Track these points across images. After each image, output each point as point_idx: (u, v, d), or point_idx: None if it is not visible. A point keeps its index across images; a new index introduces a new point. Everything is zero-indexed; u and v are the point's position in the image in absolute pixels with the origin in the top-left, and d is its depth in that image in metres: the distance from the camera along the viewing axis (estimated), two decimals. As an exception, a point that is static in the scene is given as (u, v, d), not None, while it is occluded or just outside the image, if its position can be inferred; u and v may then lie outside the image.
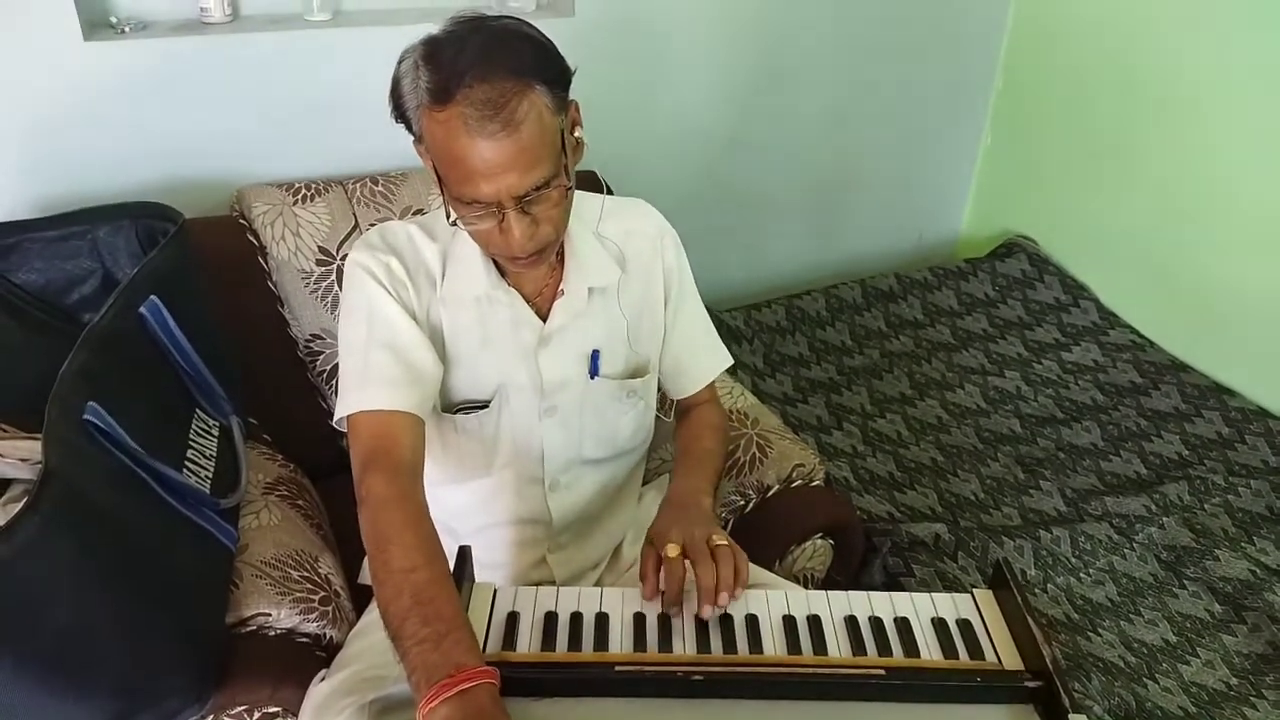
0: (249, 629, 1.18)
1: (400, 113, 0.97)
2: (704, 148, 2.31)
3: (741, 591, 1.00)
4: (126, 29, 1.64)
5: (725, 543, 1.02)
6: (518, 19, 0.97)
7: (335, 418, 1.06)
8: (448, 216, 0.99)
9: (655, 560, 1.03)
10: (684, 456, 1.24)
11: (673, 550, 1.01)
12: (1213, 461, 1.99)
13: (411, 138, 1.00)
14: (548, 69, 0.94)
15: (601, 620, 0.98)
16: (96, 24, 1.64)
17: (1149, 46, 2.25)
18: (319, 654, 1.21)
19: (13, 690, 0.91)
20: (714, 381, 1.32)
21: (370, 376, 1.03)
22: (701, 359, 1.29)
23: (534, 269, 1.08)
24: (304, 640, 1.21)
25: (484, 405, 1.14)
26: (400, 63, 0.96)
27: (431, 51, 0.93)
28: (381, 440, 1.01)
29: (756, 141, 2.37)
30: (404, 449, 1.01)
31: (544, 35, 0.97)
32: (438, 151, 0.95)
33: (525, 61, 0.92)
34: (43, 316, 1.38)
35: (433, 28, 0.96)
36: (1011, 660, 0.95)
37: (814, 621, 0.99)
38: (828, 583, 1.55)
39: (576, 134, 1.01)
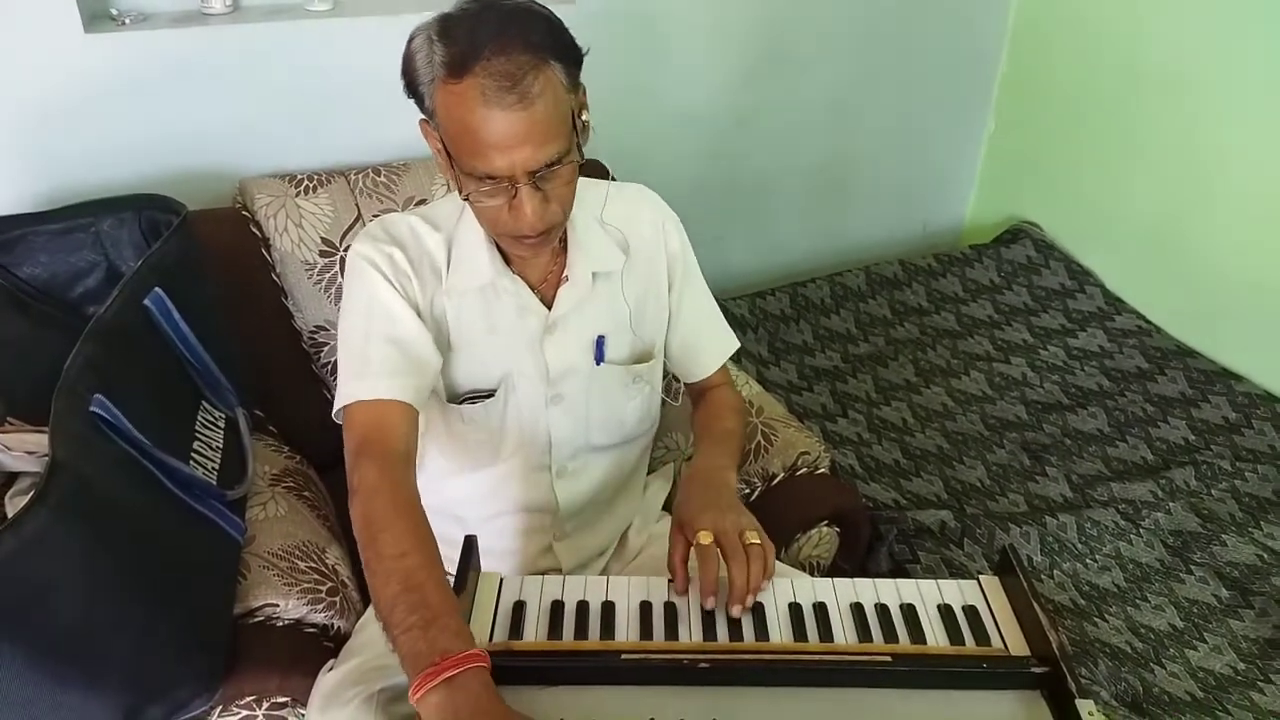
0: (257, 619, 1.19)
1: (412, 88, 0.97)
2: (707, 134, 2.30)
3: (767, 584, 1.01)
4: (127, 21, 1.63)
5: (758, 540, 1.01)
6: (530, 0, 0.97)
7: (334, 410, 1.06)
8: (460, 191, 0.99)
9: (685, 549, 1.02)
10: (705, 435, 1.24)
11: (705, 538, 1.00)
12: (1219, 446, 1.98)
13: (419, 119, 0.99)
14: (562, 47, 0.95)
15: (608, 609, 0.99)
16: (97, 16, 1.63)
17: (1154, 30, 2.23)
18: (326, 644, 1.22)
19: (23, 682, 0.91)
20: (726, 365, 1.32)
21: (367, 368, 1.03)
22: (711, 342, 1.29)
23: (540, 251, 1.08)
24: (312, 630, 1.22)
25: (490, 394, 1.14)
26: (412, 40, 0.96)
27: (446, 27, 0.93)
28: (374, 429, 1.01)
29: (760, 128, 2.36)
30: (397, 438, 1.01)
31: (556, 15, 0.97)
32: (450, 125, 0.94)
33: (541, 38, 0.93)
34: (48, 310, 1.38)
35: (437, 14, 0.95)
36: (1018, 646, 0.95)
37: (820, 609, 0.99)
38: (834, 570, 1.55)
39: (584, 117, 1.01)
